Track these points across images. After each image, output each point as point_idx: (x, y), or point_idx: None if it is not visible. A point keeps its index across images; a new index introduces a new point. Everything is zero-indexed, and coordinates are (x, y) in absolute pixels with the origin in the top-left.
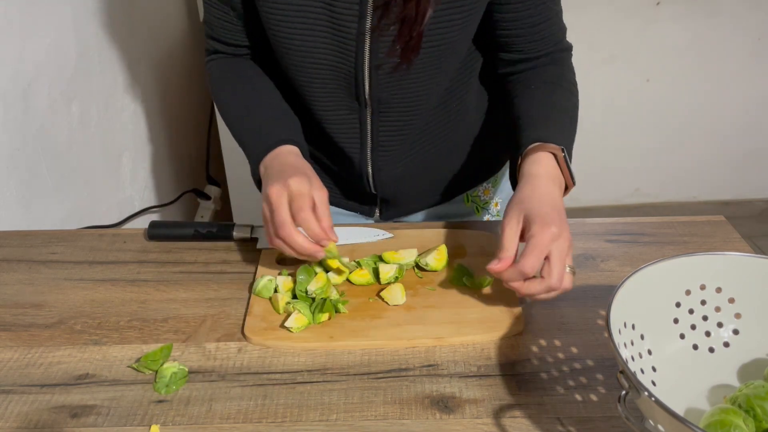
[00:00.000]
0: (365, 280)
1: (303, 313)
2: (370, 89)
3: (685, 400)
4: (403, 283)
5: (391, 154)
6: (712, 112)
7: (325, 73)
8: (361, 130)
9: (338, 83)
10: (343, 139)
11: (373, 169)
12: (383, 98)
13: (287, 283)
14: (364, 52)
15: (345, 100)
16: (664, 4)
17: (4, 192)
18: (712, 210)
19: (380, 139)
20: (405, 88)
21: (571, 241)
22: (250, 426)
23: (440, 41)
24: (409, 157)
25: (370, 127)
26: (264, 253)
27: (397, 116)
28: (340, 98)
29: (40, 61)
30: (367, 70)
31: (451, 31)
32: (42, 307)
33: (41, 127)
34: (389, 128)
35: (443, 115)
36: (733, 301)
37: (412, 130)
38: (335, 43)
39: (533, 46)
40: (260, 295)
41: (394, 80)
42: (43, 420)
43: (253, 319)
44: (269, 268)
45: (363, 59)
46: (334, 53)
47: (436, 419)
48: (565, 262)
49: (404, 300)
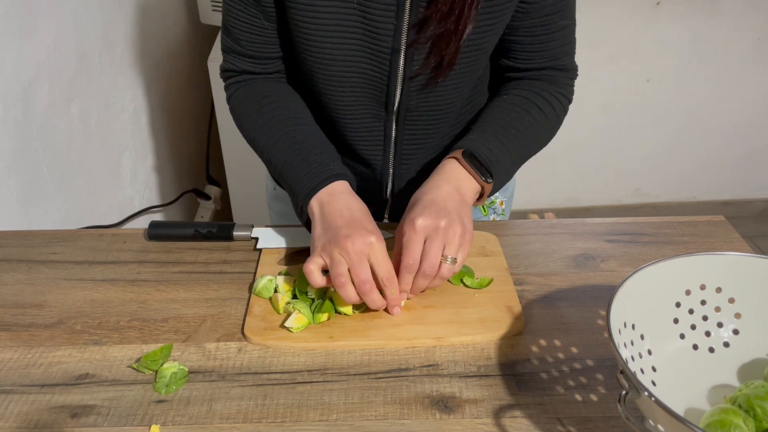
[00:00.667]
0: None
1: (303, 313)
2: (399, 99)
3: (685, 400)
4: None
5: (412, 163)
6: (712, 112)
7: (356, 84)
8: (385, 139)
9: (368, 93)
10: (366, 147)
11: (393, 178)
12: (411, 107)
13: (287, 283)
14: (398, 66)
15: (372, 110)
16: (664, 4)
17: (4, 192)
18: (712, 210)
19: (404, 148)
20: (433, 98)
21: (452, 228)
22: (250, 426)
23: (474, 49)
24: (429, 165)
25: (395, 136)
26: (264, 253)
27: (423, 125)
28: (368, 108)
29: (40, 61)
30: (400, 83)
31: (484, 39)
32: (42, 307)
33: (41, 127)
34: (413, 137)
35: (462, 123)
36: (733, 301)
37: (435, 138)
38: (369, 56)
39: (528, 56)
40: (260, 295)
41: (425, 90)
42: (43, 420)
43: (253, 319)
44: (269, 267)
45: (396, 72)
46: (368, 66)
47: (436, 419)
48: (437, 250)
49: None
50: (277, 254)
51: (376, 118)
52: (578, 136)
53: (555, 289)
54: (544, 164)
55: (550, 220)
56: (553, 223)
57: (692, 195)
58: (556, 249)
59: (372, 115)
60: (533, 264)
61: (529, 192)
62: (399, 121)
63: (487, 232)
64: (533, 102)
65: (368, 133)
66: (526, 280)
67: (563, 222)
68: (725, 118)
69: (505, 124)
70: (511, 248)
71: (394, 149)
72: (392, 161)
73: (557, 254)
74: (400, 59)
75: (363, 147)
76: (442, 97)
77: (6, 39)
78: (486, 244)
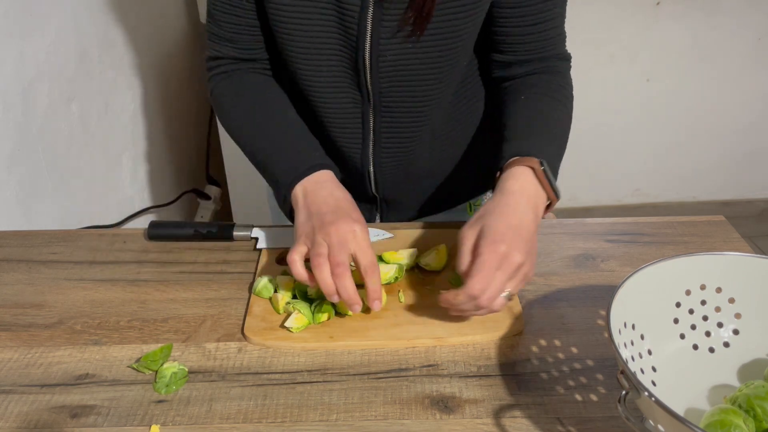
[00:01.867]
0: None
1: (303, 313)
2: (371, 77)
3: (685, 400)
4: (403, 283)
5: (393, 155)
6: (712, 112)
7: (329, 60)
8: (363, 127)
9: (342, 71)
10: (344, 135)
11: (374, 169)
12: (384, 89)
13: (287, 283)
14: (366, 34)
15: (347, 91)
16: (664, 4)
17: (4, 192)
18: (712, 210)
19: (382, 136)
20: (406, 80)
21: (525, 265)
22: (250, 426)
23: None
24: (413, 160)
25: (372, 123)
26: (264, 253)
27: (400, 114)
28: (343, 88)
29: (40, 61)
30: (368, 56)
31: (457, 18)
32: (42, 307)
33: (41, 127)
34: (391, 125)
35: (452, 123)
36: (733, 301)
37: (416, 132)
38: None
39: (526, 47)
40: (260, 295)
41: (395, 69)
42: (43, 420)
43: (253, 319)
44: (269, 267)
45: (365, 42)
46: (338, 37)
47: (436, 419)
48: (501, 284)
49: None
50: (277, 254)
51: (353, 102)
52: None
53: (555, 289)
54: None
55: (550, 220)
56: (553, 223)
57: (692, 195)
58: (556, 249)
59: (349, 99)
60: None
61: None
62: (375, 106)
63: None
64: (553, 97)
65: (346, 120)
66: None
67: (563, 222)
68: (725, 118)
69: (545, 125)
70: None
71: (373, 139)
72: (372, 151)
73: (557, 254)
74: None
75: (342, 134)
76: (414, 80)
77: (6, 39)
78: None
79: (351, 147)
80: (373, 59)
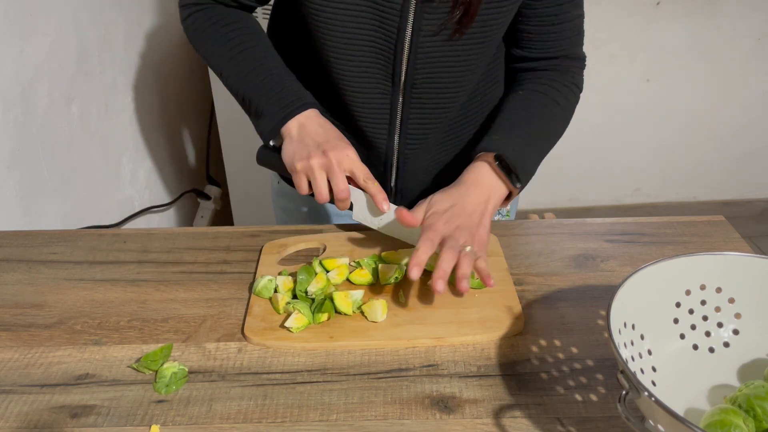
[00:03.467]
0: (365, 280)
1: (303, 313)
2: (407, 69)
3: (685, 400)
4: (403, 283)
5: (418, 145)
6: (712, 112)
7: (364, 50)
8: (391, 116)
9: (375, 61)
10: (371, 124)
11: (398, 160)
12: (418, 81)
13: (287, 283)
14: (407, 28)
15: (379, 82)
16: (664, 4)
17: (4, 192)
18: (712, 210)
19: (409, 126)
20: (440, 73)
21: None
22: (250, 426)
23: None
24: (435, 152)
25: (401, 113)
26: (264, 252)
27: (429, 104)
28: (375, 79)
29: (40, 61)
30: (407, 49)
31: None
32: (42, 307)
33: (41, 127)
34: (419, 116)
35: (472, 113)
36: (733, 301)
37: (442, 122)
38: (378, 17)
39: (542, 45)
40: (260, 295)
41: (432, 62)
42: (43, 420)
43: (253, 319)
44: (269, 267)
45: (404, 35)
46: (376, 28)
47: (436, 419)
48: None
49: (384, 317)
50: (277, 254)
51: (383, 92)
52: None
53: (555, 289)
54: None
55: (550, 220)
56: (553, 223)
57: (692, 195)
58: (556, 249)
59: (379, 89)
60: (533, 264)
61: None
62: (405, 97)
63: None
64: (549, 96)
65: (374, 109)
66: (526, 280)
67: (563, 222)
68: (725, 118)
69: (527, 121)
70: (511, 248)
71: (400, 128)
72: (397, 141)
73: (557, 254)
74: (409, 21)
75: (369, 123)
76: (448, 74)
77: (6, 39)
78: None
79: (377, 137)
80: (412, 52)
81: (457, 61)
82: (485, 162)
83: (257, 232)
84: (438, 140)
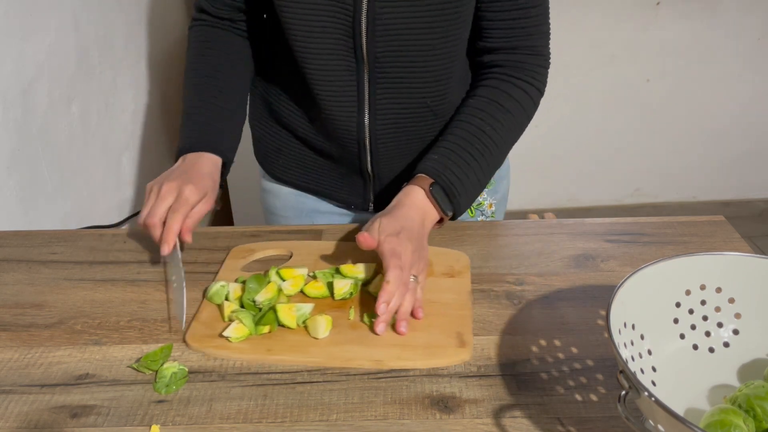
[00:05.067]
0: (319, 293)
1: (244, 324)
2: (367, 42)
3: (685, 400)
4: (356, 299)
5: (390, 125)
6: (712, 112)
7: (323, 24)
8: (359, 91)
9: (336, 35)
10: (339, 103)
11: (371, 139)
12: (380, 55)
13: (237, 291)
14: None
15: (342, 57)
16: (664, 4)
17: (4, 192)
18: (712, 210)
19: (378, 103)
20: (401, 44)
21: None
22: (250, 426)
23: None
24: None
25: (368, 91)
26: (230, 257)
27: (395, 79)
28: (338, 55)
29: (40, 61)
30: (365, 20)
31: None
32: (42, 307)
33: (41, 127)
34: (387, 92)
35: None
36: (733, 301)
37: (414, 106)
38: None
39: (499, 33)
40: (211, 300)
41: (391, 34)
42: (43, 420)
43: (199, 324)
44: (230, 273)
45: (361, 5)
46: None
47: (436, 419)
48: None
49: (327, 334)
50: (242, 259)
51: (348, 69)
52: (578, 136)
53: (555, 289)
54: (544, 164)
55: (550, 220)
56: (553, 223)
57: (692, 195)
58: (556, 249)
59: (344, 66)
60: (533, 264)
61: (529, 192)
62: (371, 71)
63: (460, 252)
64: (499, 103)
65: (341, 86)
66: (526, 280)
67: (563, 222)
68: (725, 118)
69: (470, 136)
70: (511, 248)
71: (369, 104)
72: (368, 119)
73: (557, 254)
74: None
75: (337, 102)
76: (409, 45)
77: (6, 39)
78: (455, 264)
79: (345, 115)
80: (369, 22)
81: (417, 33)
82: (420, 188)
83: (257, 232)
84: (412, 122)
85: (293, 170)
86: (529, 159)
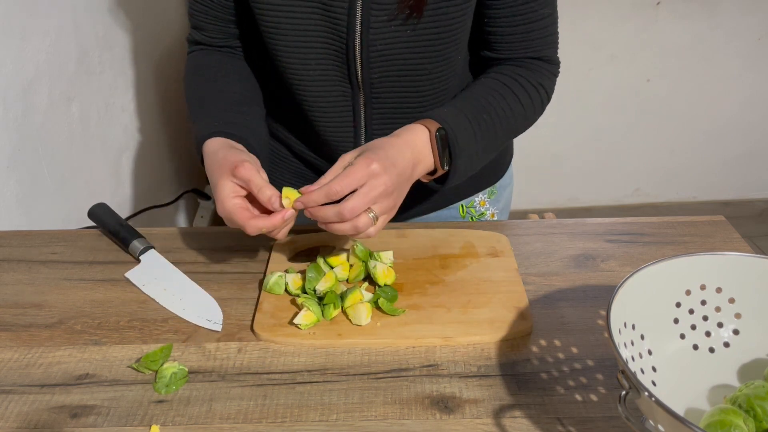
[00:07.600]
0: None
1: (312, 310)
2: (362, 68)
3: (685, 400)
4: (416, 278)
5: None
6: (712, 113)
7: (317, 51)
8: (355, 118)
9: (330, 62)
10: (335, 130)
11: None
12: (375, 80)
13: (297, 281)
14: (356, 24)
15: (337, 84)
16: (664, 4)
17: (4, 192)
18: (712, 210)
19: (374, 129)
20: (396, 70)
21: (389, 189)
22: (250, 426)
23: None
24: None
25: (364, 117)
26: (275, 249)
27: (391, 105)
28: (333, 81)
29: (40, 61)
30: (359, 46)
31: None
32: (42, 307)
33: (41, 127)
34: (383, 120)
35: None
36: (733, 301)
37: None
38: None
39: (510, 47)
40: (272, 291)
41: (385, 59)
42: (43, 420)
43: (263, 315)
44: (280, 265)
45: (354, 32)
46: (326, 27)
47: (436, 419)
48: (367, 198)
49: (368, 321)
50: (288, 252)
51: (343, 95)
52: (578, 136)
53: (555, 289)
54: (544, 164)
55: (550, 220)
56: (553, 223)
57: (692, 195)
58: (556, 249)
59: (339, 92)
60: (533, 264)
61: (529, 192)
62: (366, 97)
63: (499, 233)
64: (511, 89)
65: (337, 113)
66: (526, 280)
67: (563, 222)
68: (725, 118)
69: (480, 106)
70: (511, 248)
71: (365, 131)
72: (364, 143)
73: (557, 254)
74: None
75: (333, 129)
76: (404, 71)
77: (6, 39)
78: (497, 245)
79: (342, 139)
80: (364, 49)
81: (412, 59)
82: (425, 127)
83: None
84: None
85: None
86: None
